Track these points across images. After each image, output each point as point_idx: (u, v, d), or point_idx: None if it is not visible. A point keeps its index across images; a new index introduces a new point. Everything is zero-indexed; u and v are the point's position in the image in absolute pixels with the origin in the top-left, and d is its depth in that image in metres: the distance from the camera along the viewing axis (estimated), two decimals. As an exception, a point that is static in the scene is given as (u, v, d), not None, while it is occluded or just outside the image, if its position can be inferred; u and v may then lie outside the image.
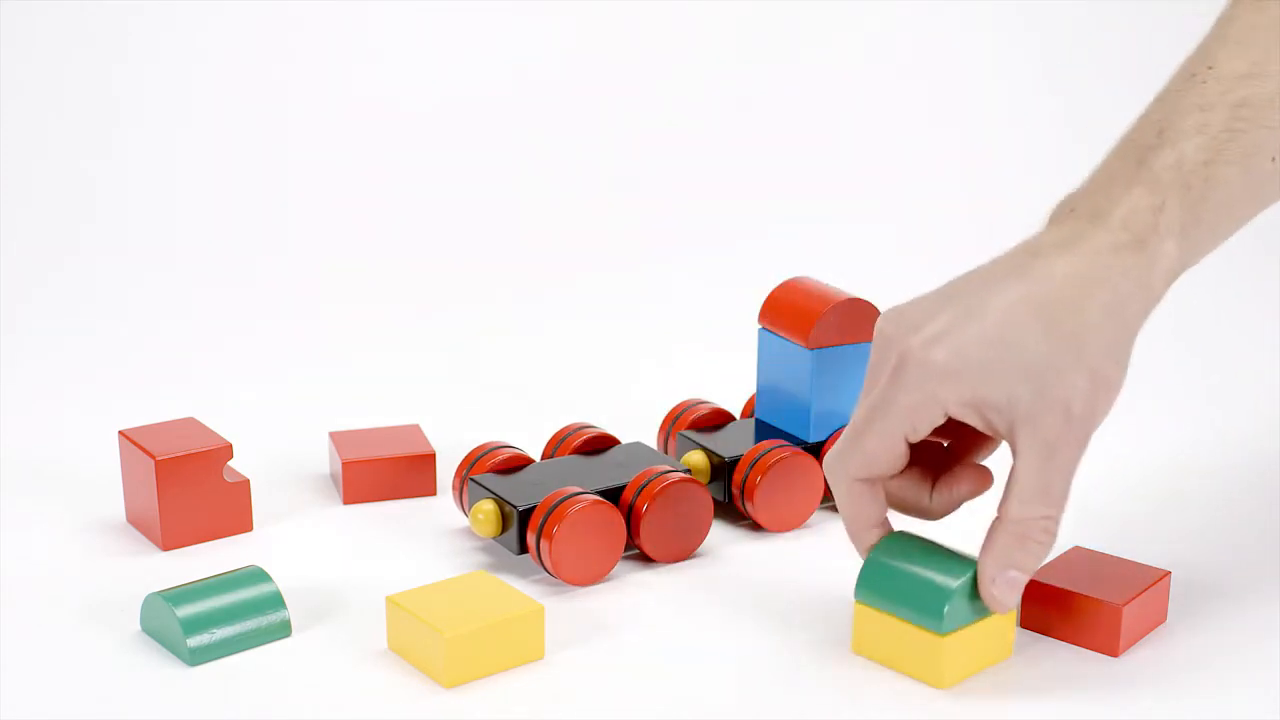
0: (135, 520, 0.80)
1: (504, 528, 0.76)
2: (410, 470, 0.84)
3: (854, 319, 0.82)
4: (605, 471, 0.79)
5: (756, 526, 0.82)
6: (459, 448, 0.84)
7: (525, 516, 0.75)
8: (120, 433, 0.79)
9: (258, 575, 0.71)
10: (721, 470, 0.81)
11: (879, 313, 0.83)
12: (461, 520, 0.82)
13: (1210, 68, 0.69)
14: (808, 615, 0.73)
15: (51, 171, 1.16)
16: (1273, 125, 0.67)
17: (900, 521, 0.71)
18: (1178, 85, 0.69)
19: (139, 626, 0.71)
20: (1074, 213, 0.67)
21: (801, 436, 0.83)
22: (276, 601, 0.70)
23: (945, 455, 0.70)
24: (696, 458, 0.81)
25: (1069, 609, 0.70)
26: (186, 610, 0.68)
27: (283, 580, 0.73)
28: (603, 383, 1.01)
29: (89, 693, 0.67)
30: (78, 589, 0.75)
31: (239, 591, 0.70)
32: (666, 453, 0.86)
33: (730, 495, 0.81)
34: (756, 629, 0.72)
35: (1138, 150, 0.67)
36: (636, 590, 0.76)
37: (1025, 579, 0.66)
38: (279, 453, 0.89)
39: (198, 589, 0.70)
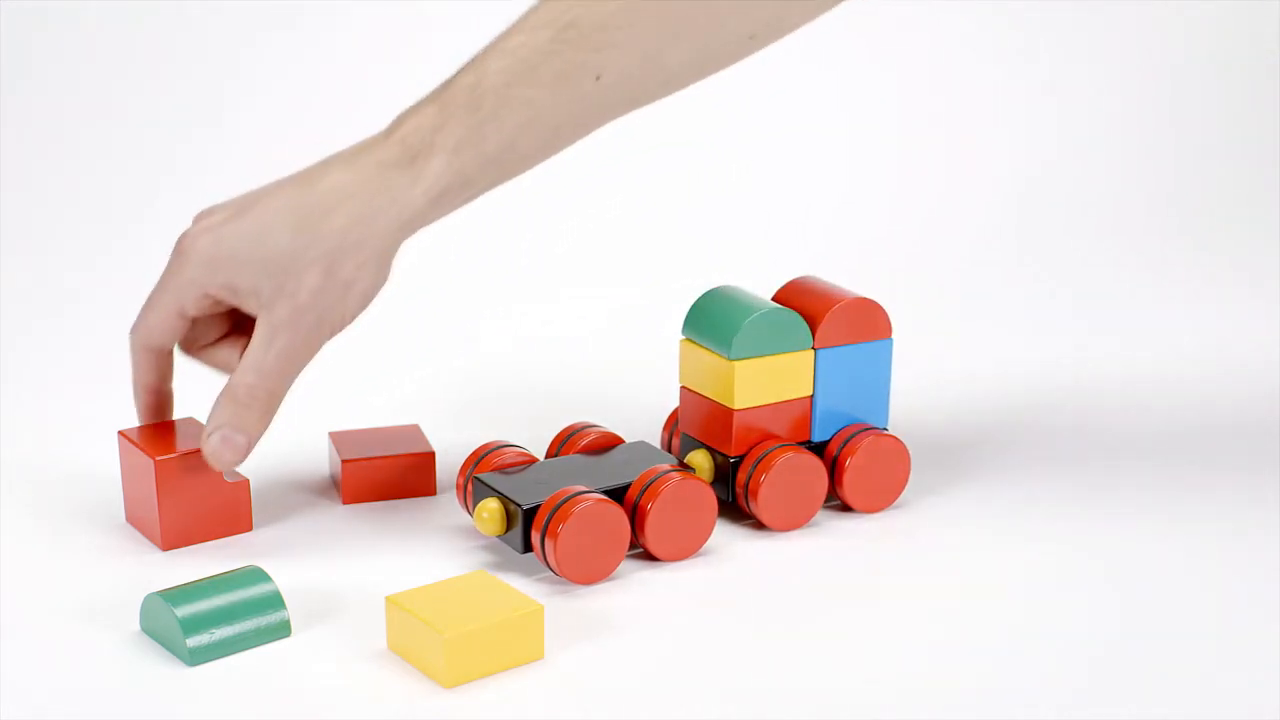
0: (135, 520, 0.80)
1: (508, 526, 0.76)
2: (410, 470, 0.84)
3: (860, 319, 0.82)
4: (609, 471, 0.79)
5: (760, 525, 0.82)
6: (461, 448, 0.84)
7: (530, 515, 0.75)
8: (120, 433, 0.79)
9: (257, 575, 0.70)
10: (725, 469, 0.81)
11: (885, 313, 0.83)
12: (463, 519, 0.82)
13: None
14: (810, 614, 0.73)
15: (51, 169, 1.16)
16: (599, 47, 0.72)
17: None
18: (534, 2, 0.74)
19: (139, 626, 0.71)
20: (390, 125, 0.74)
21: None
22: (276, 601, 0.70)
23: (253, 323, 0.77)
24: (700, 457, 0.81)
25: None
26: (186, 610, 0.68)
27: (283, 580, 0.73)
28: (606, 383, 1.01)
29: (89, 693, 0.66)
30: (78, 589, 0.74)
31: (239, 591, 0.69)
32: (670, 452, 0.86)
33: (734, 494, 0.81)
34: (759, 628, 0.72)
35: (458, 71, 0.74)
36: (640, 589, 0.75)
37: (243, 438, 0.75)
38: (279, 453, 0.89)
39: (197, 589, 0.69)
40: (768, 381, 0.80)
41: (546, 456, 0.83)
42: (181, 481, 0.77)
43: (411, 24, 1.28)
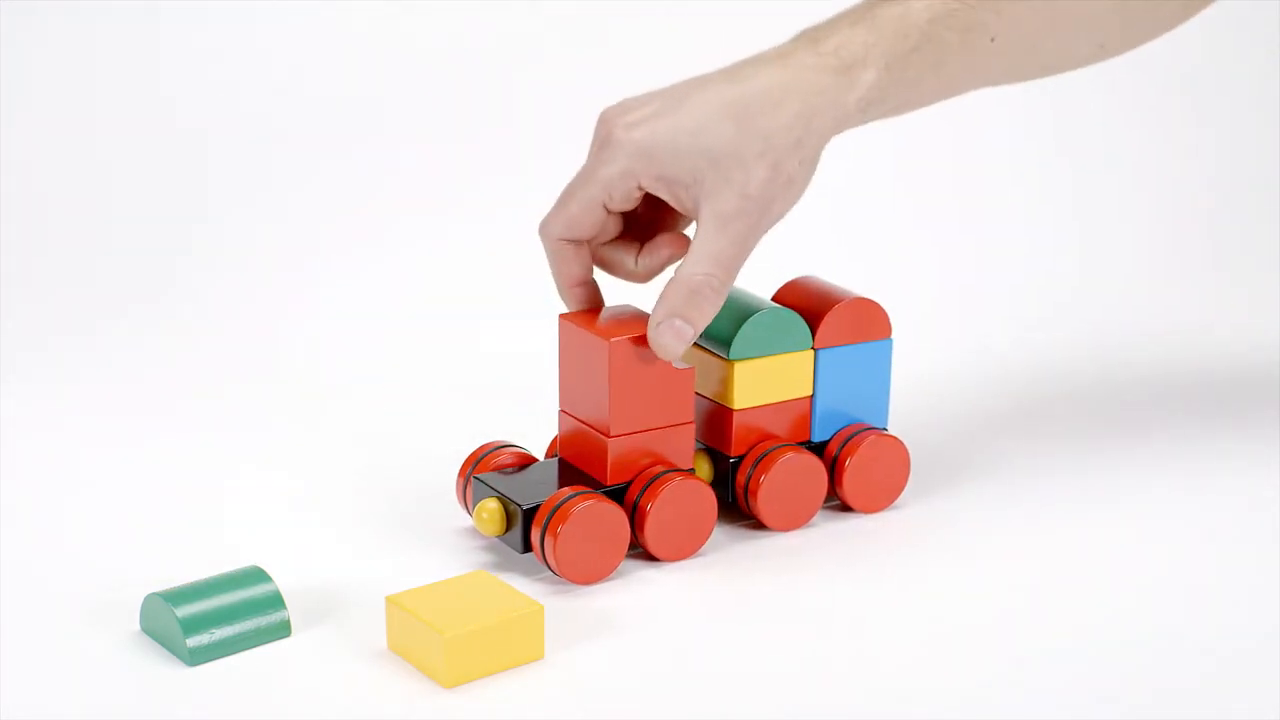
0: (572, 408, 0.78)
1: (508, 526, 0.76)
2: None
3: (860, 319, 0.82)
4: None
5: (760, 525, 0.82)
6: (461, 448, 0.84)
7: (530, 515, 0.75)
8: (561, 316, 0.78)
9: (257, 575, 0.70)
10: (725, 469, 0.81)
11: (885, 313, 0.83)
12: (462, 520, 0.82)
13: None
14: (810, 614, 0.73)
15: (52, 167, 1.16)
16: (999, 11, 0.77)
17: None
18: None
19: (139, 626, 0.71)
20: (801, 36, 0.76)
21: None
22: (276, 601, 0.70)
23: (650, 226, 0.78)
24: (700, 457, 0.81)
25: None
26: (186, 610, 0.68)
27: (282, 580, 0.73)
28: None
29: (89, 693, 0.66)
30: (78, 589, 0.74)
31: (239, 591, 0.69)
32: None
33: (734, 494, 0.81)
34: (759, 628, 0.72)
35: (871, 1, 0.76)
36: (640, 589, 0.75)
37: (691, 330, 0.74)
38: (279, 453, 0.89)
39: (197, 589, 0.69)
40: (767, 382, 0.80)
41: (546, 456, 0.83)
42: (632, 366, 0.76)
43: (408, 22, 1.28)
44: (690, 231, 0.77)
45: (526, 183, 1.23)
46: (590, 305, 0.78)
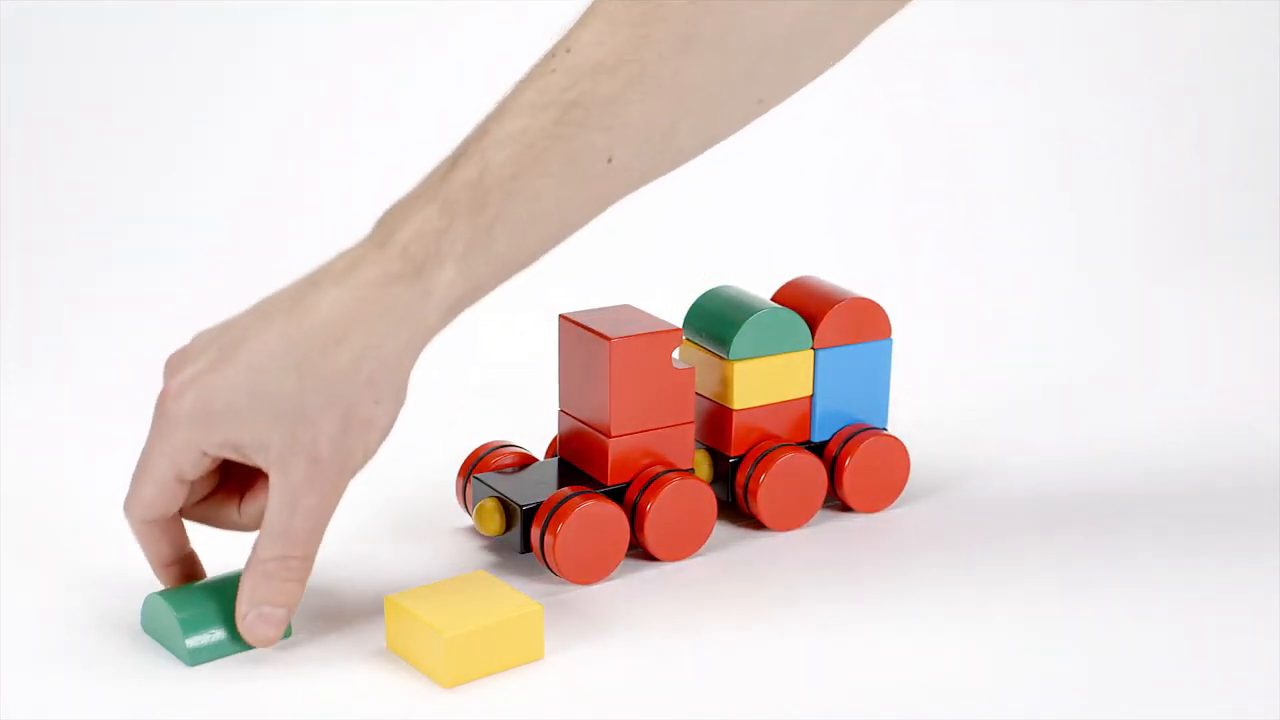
0: (573, 408, 0.78)
1: (508, 526, 0.76)
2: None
3: (860, 319, 0.82)
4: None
5: (759, 525, 0.82)
6: (461, 448, 0.84)
7: (529, 515, 0.75)
8: (561, 316, 0.77)
9: None
10: (725, 469, 0.81)
11: (885, 313, 0.83)
12: (463, 519, 0.82)
13: (568, 52, 0.66)
14: (810, 614, 0.73)
15: (52, 165, 1.16)
16: (609, 125, 0.65)
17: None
18: (531, 73, 0.67)
19: (139, 626, 0.71)
20: (376, 229, 0.66)
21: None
22: None
23: (249, 469, 0.69)
24: (700, 457, 0.81)
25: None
26: (186, 612, 0.68)
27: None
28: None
29: (89, 693, 0.66)
30: (77, 589, 0.74)
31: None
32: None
33: (734, 494, 0.81)
34: (759, 627, 0.72)
35: (453, 159, 0.66)
36: (640, 589, 0.75)
37: (282, 612, 0.67)
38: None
39: (197, 589, 0.69)
40: (767, 381, 0.80)
41: (546, 456, 0.83)
42: (632, 366, 0.75)
43: (408, 31, 1.28)
44: None
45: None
46: (190, 579, 0.70)
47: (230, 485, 0.69)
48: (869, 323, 0.83)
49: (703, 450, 0.82)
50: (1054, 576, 0.77)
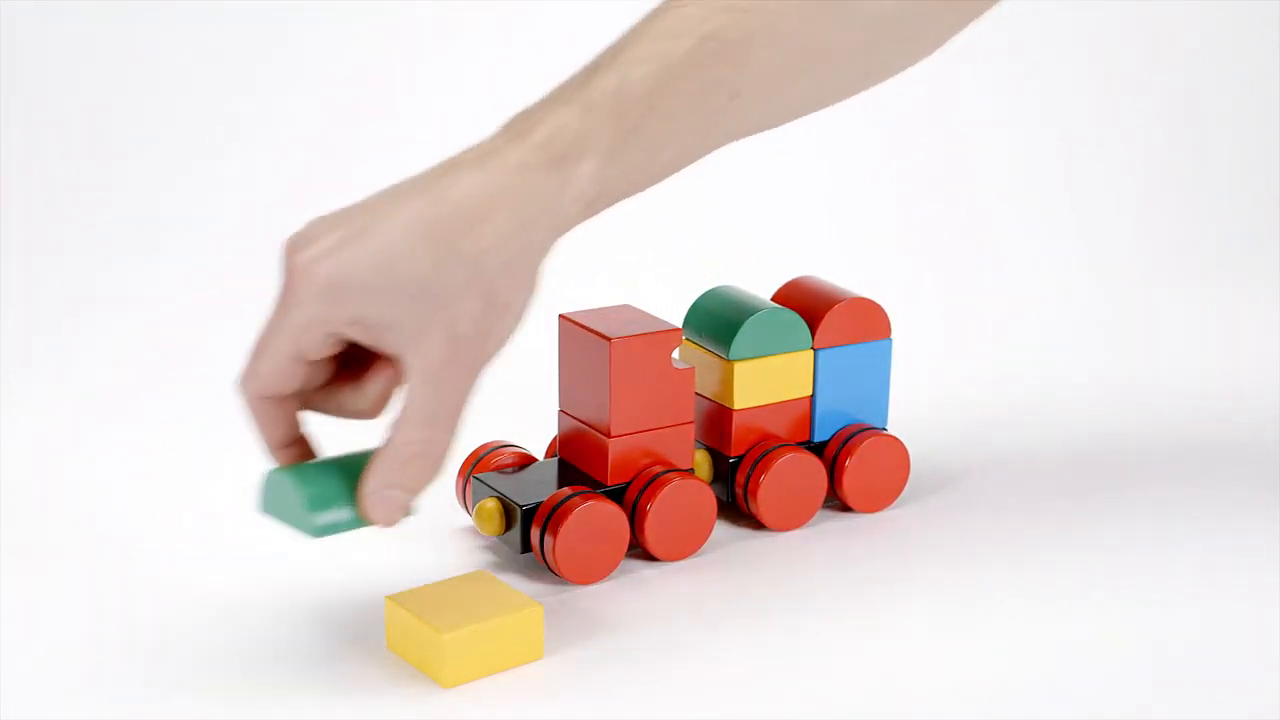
0: (573, 408, 0.78)
1: (508, 526, 0.76)
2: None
3: (860, 319, 0.82)
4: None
5: (759, 525, 0.82)
6: (461, 448, 0.84)
7: (529, 515, 0.75)
8: (561, 316, 0.76)
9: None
10: (725, 469, 0.81)
11: (885, 313, 0.83)
12: (463, 520, 0.82)
13: None
14: (810, 614, 0.73)
15: (55, 163, 1.16)
16: (740, 64, 0.67)
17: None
18: (664, 4, 0.68)
19: (137, 623, 0.70)
20: (508, 127, 0.66)
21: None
22: None
23: (364, 357, 0.67)
24: (700, 457, 0.81)
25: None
26: (312, 488, 0.64)
27: (282, 580, 0.73)
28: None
29: (87, 692, 0.66)
30: (74, 588, 0.74)
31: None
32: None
33: (734, 494, 0.81)
34: (759, 628, 0.72)
35: (589, 70, 0.66)
36: (640, 589, 0.75)
37: (409, 497, 0.65)
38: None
39: (320, 465, 0.66)
40: (767, 381, 0.80)
41: (546, 456, 0.83)
42: (633, 366, 0.75)
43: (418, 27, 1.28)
44: None
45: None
46: (302, 460, 0.67)
47: (345, 372, 0.67)
48: (869, 323, 0.83)
49: (703, 450, 0.82)
50: (1054, 576, 0.77)
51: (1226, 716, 0.65)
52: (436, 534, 0.80)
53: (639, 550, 0.78)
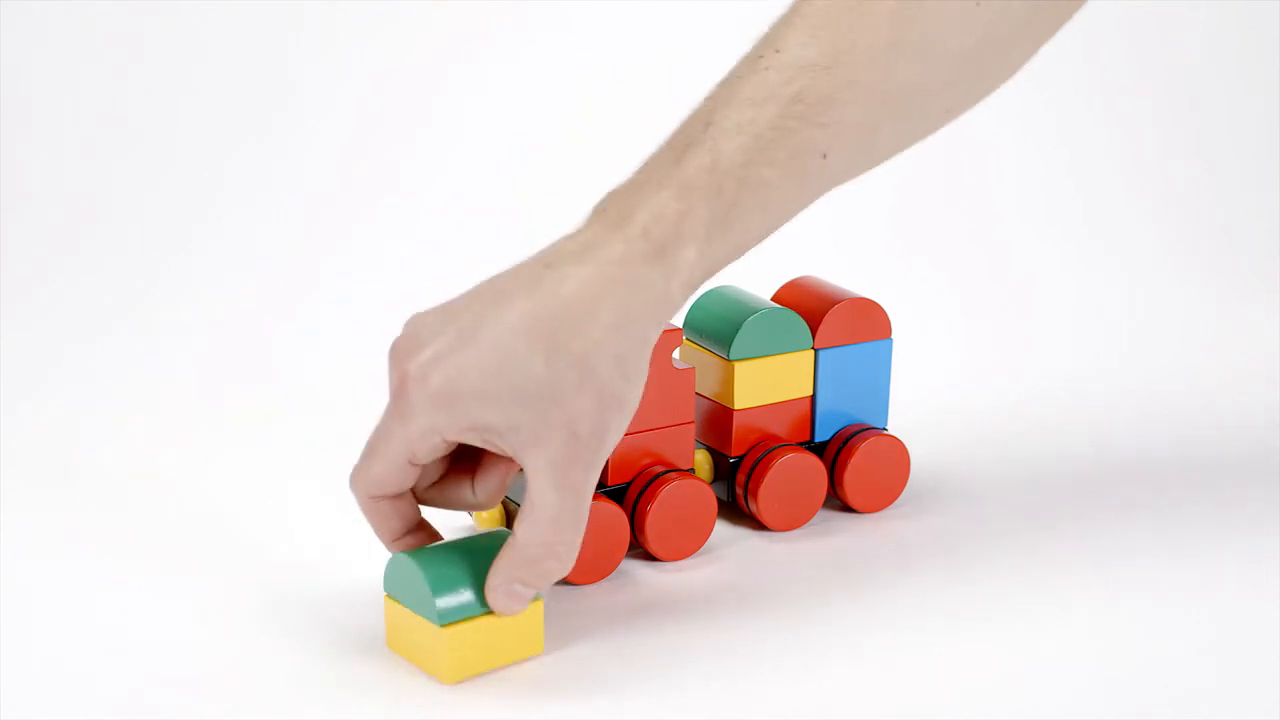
0: None
1: (508, 526, 0.76)
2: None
3: (860, 319, 0.82)
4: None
5: (760, 525, 0.82)
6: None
7: (527, 515, 0.75)
8: None
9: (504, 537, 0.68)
10: (725, 469, 0.81)
11: (885, 313, 0.83)
12: (462, 519, 0.82)
13: (777, 51, 0.67)
14: (810, 614, 0.73)
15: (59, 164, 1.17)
16: (826, 122, 0.66)
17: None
18: (741, 70, 0.68)
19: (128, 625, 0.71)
20: (604, 213, 0.65)
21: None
22: None
23: (478, 449, 0.68)
24: (700, 457, 0.81)
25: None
26: (434, 571, 0.66)
27: (282, 580, 0.73)
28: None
29: (89, 691, 0.66)
30: (70, 590, 0.74)
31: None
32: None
33: (734, 494, 0.81)
34: (759, 628, 0.72)
35: (679, 147, 0.66)
36: (640, 589, 0.75)
37: (530, 592, 0.66)
38: (276, 453, 0.89)
39: (444, 549, 0.67)
40: (768, 381, 0.80)
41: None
42: None
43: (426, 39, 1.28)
44: None
45: (527, 178, 1.24)
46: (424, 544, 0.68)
47: (460, 466, 0.68)
48: (869, 323, 0.83)
49: (703, 450, 0.82)
50: (1055, 577, 0.77)
51: (1233, 715, 0.65)
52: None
53: (639, 550, 0.78)
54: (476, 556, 0.67)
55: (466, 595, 0.66)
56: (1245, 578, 0.77)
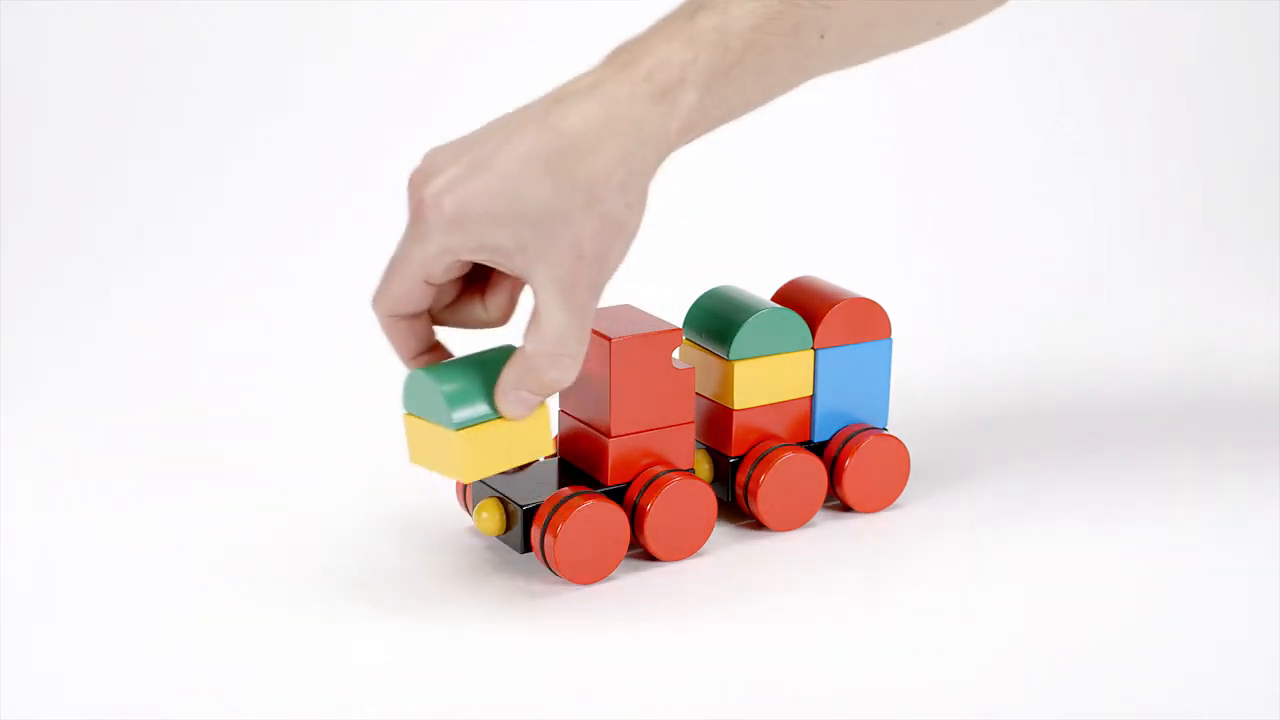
0: (572, 409, 0.78)
1: (508, 526, 0.76)
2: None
3: (860, 319, 0.82)
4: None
5: (759, 525, 0.82)
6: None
7: (529, 515, 0.75)
8: None
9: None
10: (725, 469, 0.81)
11: (885, 313, 0.83)
12: (462, 519, 0.82)
13: None
14: (810, 614, 0.73)
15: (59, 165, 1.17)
16: (830, 6, 0.72)
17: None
18: None
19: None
20: (614, 59, 0.70)
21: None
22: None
23: (488, 270, 0.72)
24: (700, 457, 0.81)
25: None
26: (450, 385, 0.70)
27: (282, 581, 0.73)
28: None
29: (96, 678, 0.67)
30: (69, 591, 0.74)
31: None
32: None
33: (734, 494, 0.81)
34: (760, 628, 0.72)
35: (693, 7, 0.71)
36: (640, 589, 0.75)
37: (537, 399, 0.71)
38: (275, 452, 0.89)
39: (458, 365, 0.71)
40: (767, 381, 0.80)
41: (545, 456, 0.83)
42: (633, 366, 0.76)
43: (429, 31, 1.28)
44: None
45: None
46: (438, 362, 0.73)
47: (473, 287, 0.72)
48: (869, 323, 0.83)
49: (703, 450, 0.82)
50: (1054, 576, 0.77)
51: (1231, 711, 0.65)
52: (437, 534, 0.81)
53: (639, 550, 0.78)
54: (485, 369, 0.71)
55: (478, 402, 0.70)
56: (1252, 569, 0.77)
